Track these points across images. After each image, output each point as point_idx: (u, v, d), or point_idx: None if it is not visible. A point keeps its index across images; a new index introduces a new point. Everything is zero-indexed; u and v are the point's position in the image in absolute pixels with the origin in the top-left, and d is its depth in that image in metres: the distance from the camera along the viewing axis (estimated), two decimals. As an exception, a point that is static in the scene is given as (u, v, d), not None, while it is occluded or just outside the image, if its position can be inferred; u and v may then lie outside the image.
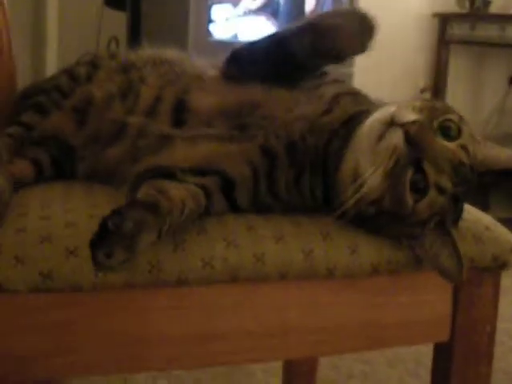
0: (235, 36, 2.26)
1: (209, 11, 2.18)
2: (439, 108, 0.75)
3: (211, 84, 0.87)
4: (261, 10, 2.32)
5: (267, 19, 2.33)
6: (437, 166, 0.71)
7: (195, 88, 0.86)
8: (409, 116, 0.71)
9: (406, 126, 0.71)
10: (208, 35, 2.17)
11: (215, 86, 0.86)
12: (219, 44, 2.18)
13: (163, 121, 0.84)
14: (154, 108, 0.85)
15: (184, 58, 0.97)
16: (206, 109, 0.82)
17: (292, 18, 2.37)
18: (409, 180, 0.71)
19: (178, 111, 0.84)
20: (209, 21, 2.18)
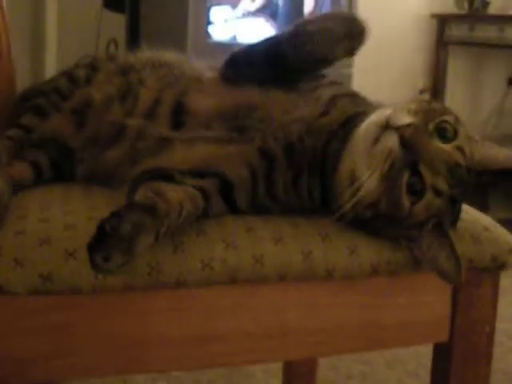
0: (234, 38, 2.26)
1: (208, 13, 2.18)
2: (435, 109, 0.75)
3: (210, 86, 0.87)
4: (260, 12, 2.32)
5: (266, 21, 2.33)
6: (433, 169, 0.71)
7: (194, 90, 0.86)
8: (404, 119, 0.71)
9: (401, 130, 0.71)
10: (207, 37, 2.18)
11: (214, 89, 0.86)
12: (218, 46, 2.18)
13: (162, 123, 0.84)
14: (153, 110, 0.85)
15: (183, 60, 0.97)
16: (205, 111, 0.82)
17: (291, 20, 2.37)
18: (405, 183, 0.71)
19: (177, 113, 0.84)
20: (208, 22, 2.19)
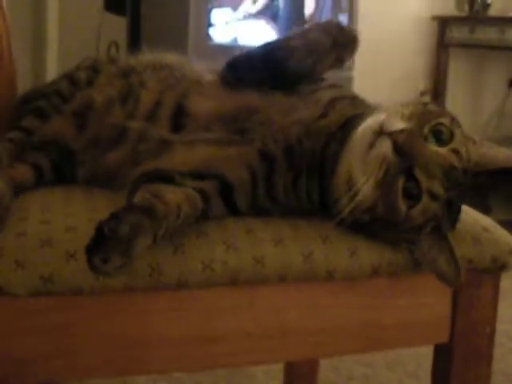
0: (235, 40, 2.27)
1: (208, 15, 2.19)
2: (431, 112, 0.75)
3: (210, 89, 0.87)
4: (260, 14, 2.32)
5: (267, 23, 2.33)
6: (428, 173, 0.71)
7: (194, 93, 0.86)
8: (397, 125, 0.71)
9: (394, 136, 0.71)
10: (208, 39, 2.18)
11: (214, 92, 0.86)
12: (219, 48, 2.18)
13: (163, 125, 0.84)
14: (154, 112, 0.86)
15: (184, 63, 0.97)
16: (205, 114, 0.83)
17: (291, 22, 2.38)
18: (401, 188, 0.71)
19: (178, 116, 0.84)
20: (208, 25, 2.19)
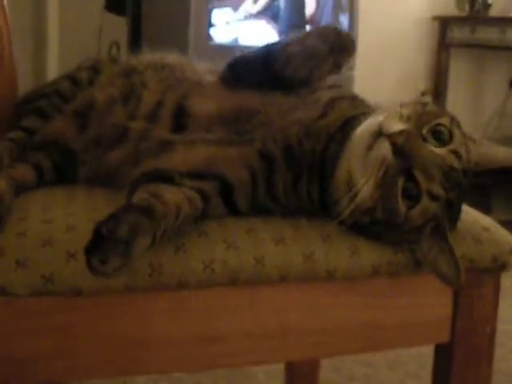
0: (236, 40, 2.26)
1: (209, 15, 2.18)
2: (430, 112, 0.75)
3: (210, 90, 0.87)
4: (261, 14, 2.32)
5: (267, 23, 2.33)
6: (427, 174, 0.71)
7: (195, 94, 0.86)
8: (395, 126, 0.71)
9: (393, 137, 0.71)
10: (208, 39, 2.18)
11: (214, 92, 0.86)
12: (220, 48, 2.18)
13: (164, 126, 0.84)
14: (156, 112, 0.86)
15: (185, 63, 0.97)
16: (206, 114, 0.83)
17: (292, 22, 2.38)
18: (400, 189, 0.71)
19: (178, 117, 0.84)
20: (209, 25, 2.18)
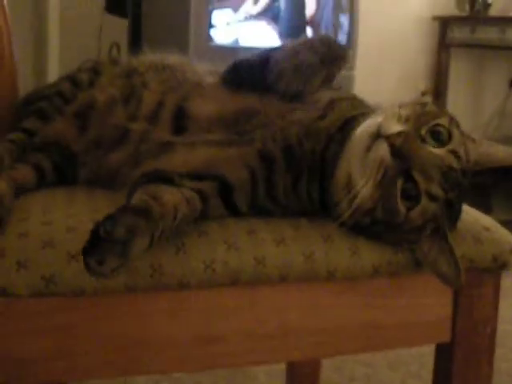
0: (236, 41, 2.26)
1: (210, 16, 2.18)
2: (429, 113, 0.75)
3: (211, 91, 0.87)
4: (261, 15, 2.32)
5: (268, 24, 2.33)
6: (425, 175, 0.71)
7: (195, 95, 0.86)
8: (394, 128, 0.72)
9: (391, 139, 0.71)
10: (209, 40, 2.18)
11: (215, 94, 0.86)
12: (220, 49, 2.18)
13: (164, 127, 0.84)
14: (156, 113, 0.86)
15: (185, 64, 0.97)
16: (206, 116, 0.83)
17: (293, 23, 2.38)
18: (399, 190, 0.72)
19: (179, 118, 0.84)
20: (210, 26, 2.18)
